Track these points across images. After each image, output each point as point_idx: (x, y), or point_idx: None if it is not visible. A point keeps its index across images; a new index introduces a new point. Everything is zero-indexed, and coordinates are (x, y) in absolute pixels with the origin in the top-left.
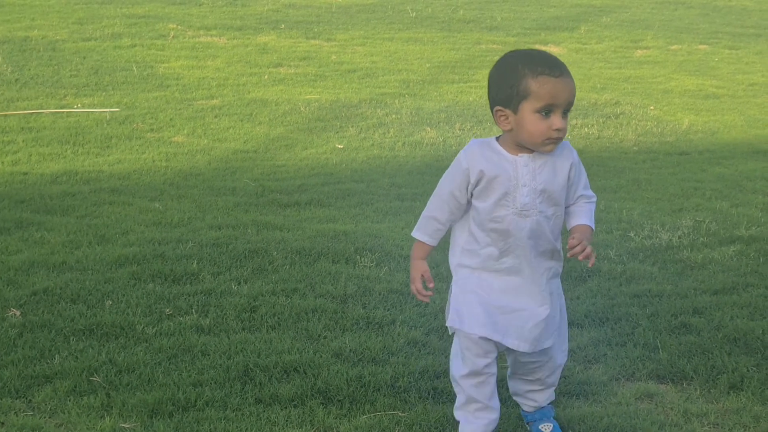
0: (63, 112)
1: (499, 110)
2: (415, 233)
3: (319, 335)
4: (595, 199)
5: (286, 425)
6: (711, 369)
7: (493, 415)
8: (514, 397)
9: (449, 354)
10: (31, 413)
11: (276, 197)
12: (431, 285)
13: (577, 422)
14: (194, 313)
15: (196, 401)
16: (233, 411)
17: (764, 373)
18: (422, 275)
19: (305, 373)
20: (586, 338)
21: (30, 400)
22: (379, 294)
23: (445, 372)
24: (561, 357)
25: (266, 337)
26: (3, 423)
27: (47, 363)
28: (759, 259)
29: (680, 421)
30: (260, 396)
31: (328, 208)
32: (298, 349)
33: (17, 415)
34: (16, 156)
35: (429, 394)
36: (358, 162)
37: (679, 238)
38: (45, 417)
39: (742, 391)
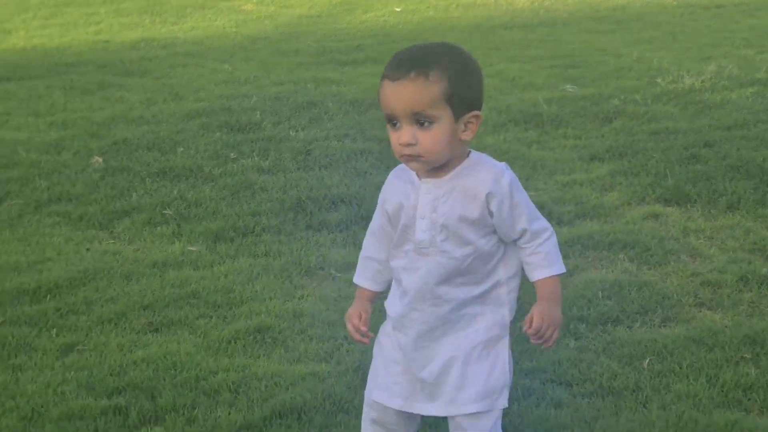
0: None
1: None
2: (355, 278)
3: (366, 172)
4: (549, 232)
5: (332, 246)
6: (713, 193)
7: None
8: None
9: None
10: (113, 241)
11: (335, 56)
12: (363, 329)
13: (587, 238)
14: (255, 156)
15: (254, 228)
16: (286, 236)
17: (760, 195)
18: (361, 314)
19: (350, 204)
20: (604, 170)
21: (111, 231)
22: None
23: None
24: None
25: (318, 175)
26: (89, 249)
27: (126, 200)
28: None
29: (679, 235)
30: (310, 223)
31: (382, 65)
32: (345, 184)
33: (101, 243)
34: (98, 26)
35: None
36: (414, 23)
37: (702, 82)
38: (124, 244)
39: (738, 210)
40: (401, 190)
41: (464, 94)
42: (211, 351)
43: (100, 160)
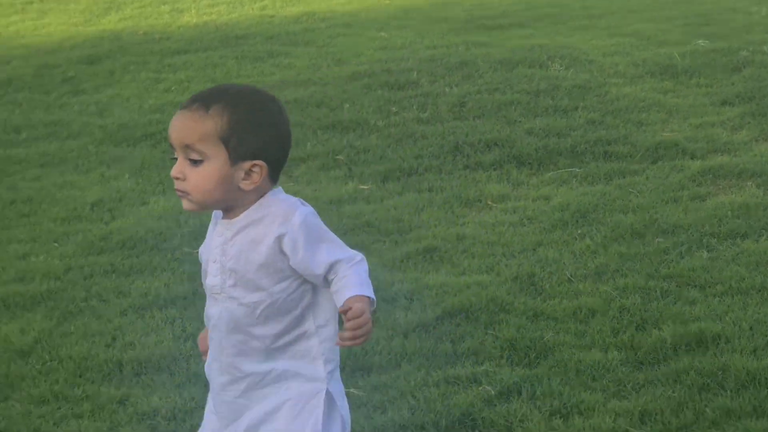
0: None
1: None
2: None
3: (515, 120)
4: (359, 258)
5: (488, 182)
6: None
7: None
8: None
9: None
10: (293, 183)
11: (483, 22)
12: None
13: (718, 168)
14: (415, 110)
15: (417, 168)
16: (446, 174)
17: None
18: (206, 338)
19: (503, 146)
20: (734, 112)
21: (291, 175)
22: (565, 89)
23: (616, 139)
24: None
25: (472, 124)
26: None
27: (302, 149)
28: None
29: None
30: (467, 163)
31: (526, 28)
32: (498, 130)
33: (283, 186)
34: (263, 2)
35: (601, 156)
36: None
37: None
38: (303, 185)
39: None
40: (210, 231)
41: (246, 140)
42: (387, 268)
43: None
